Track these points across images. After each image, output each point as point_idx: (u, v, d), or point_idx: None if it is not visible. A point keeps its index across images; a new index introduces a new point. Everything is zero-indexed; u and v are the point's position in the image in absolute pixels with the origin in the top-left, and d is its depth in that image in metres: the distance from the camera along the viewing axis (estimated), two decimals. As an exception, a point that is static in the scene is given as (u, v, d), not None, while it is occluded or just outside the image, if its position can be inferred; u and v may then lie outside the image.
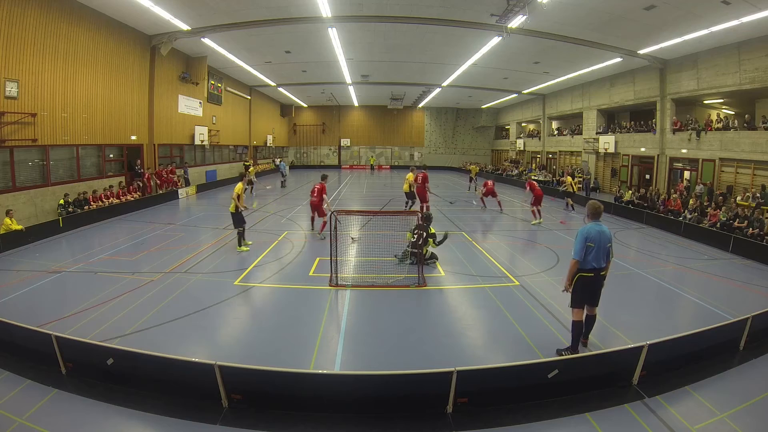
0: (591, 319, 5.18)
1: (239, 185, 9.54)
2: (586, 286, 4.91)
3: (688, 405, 4.19)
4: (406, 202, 15.01)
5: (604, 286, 5.06)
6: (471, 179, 24.73)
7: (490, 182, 16.68)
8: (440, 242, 8.67)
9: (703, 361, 4.89)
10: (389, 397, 4.10)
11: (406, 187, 14.63)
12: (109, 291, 6.97)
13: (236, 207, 9.44)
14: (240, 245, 9.69)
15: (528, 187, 14.74)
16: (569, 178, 19.02)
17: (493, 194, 16.16)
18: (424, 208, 12.81)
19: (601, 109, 23.98)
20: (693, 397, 4.31)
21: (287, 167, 28.65)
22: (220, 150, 26.17)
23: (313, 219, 11.71)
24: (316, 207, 11.17)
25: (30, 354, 4.73)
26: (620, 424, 3.90)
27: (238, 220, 9.50)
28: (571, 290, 4.98)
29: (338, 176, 32.82)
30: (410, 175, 14.49)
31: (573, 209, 17.26)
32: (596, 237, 4.80)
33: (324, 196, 11.21)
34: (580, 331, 5.10)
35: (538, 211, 14.18)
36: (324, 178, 11.67)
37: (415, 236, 8.17)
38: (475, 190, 22.97)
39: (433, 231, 8.53)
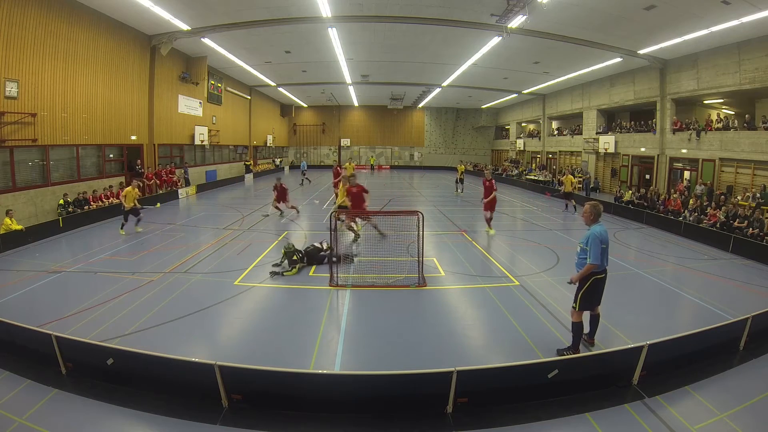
0: (596, 319, 5.22)
1: (130, 190, 11.52)
2: (598, 287, 4.94)
3: (688, 405, 4.19)
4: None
5: None
6: (458, 180, 22.75)
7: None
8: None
9: (703, 361, 4.89)
10: (389, 397, 4.10)
11: (341, 197, 11.32)
12: (109, 291, 6.97)
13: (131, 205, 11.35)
14: (138, 225, 11.64)
15: (490, 188, 11.68)
16: (570, 178, 17.42)
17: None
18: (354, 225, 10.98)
19: (601, 109, 23.98)
20: (693, 397, 4.31)
21: (306, 165, 29.53)
22: (220, 150, 26.17)
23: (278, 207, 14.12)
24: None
25: (30, 354, 4.73)
26: (620, 424, 3.90)
27: (134, 212, 11.50)
28: (583, 292, 4.90)
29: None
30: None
31: (575, 210, 16.13)
32: (606, 238, 4.83)
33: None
34: (582, 330, 5.11)
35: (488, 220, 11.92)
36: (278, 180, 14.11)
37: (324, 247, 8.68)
38: (462, 192, 21.93)
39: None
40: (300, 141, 42.02)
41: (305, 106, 40.45)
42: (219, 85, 24.36)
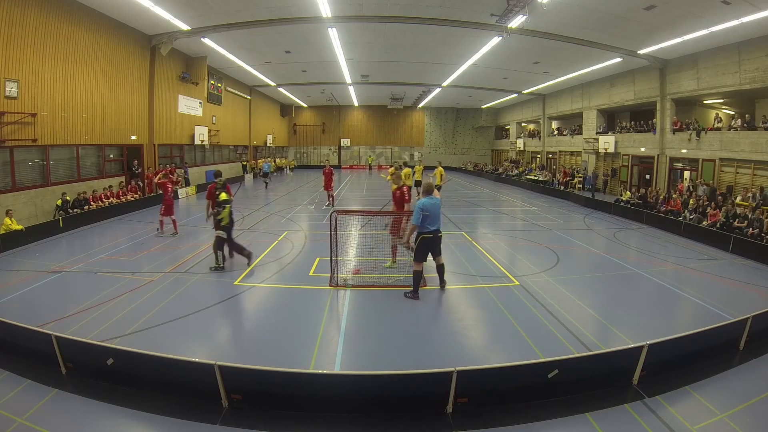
0: (441, 268, 7.07)
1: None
2: (427, 244, 6.67)
3: (688, 405, 4.19)
4: None
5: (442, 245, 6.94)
6: (415, 182, 17.14)
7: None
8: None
9: (703, 361, 4.89)
10: (389, 397, 4.10)
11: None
12: (109, 291, 6.97)
13: None
14: None
15: (401, 199, 8.55)
16: (440, 170, 16.74)
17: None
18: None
19: (601, 109, 23.98)
20: (693, 397, 4.31)
21: (270, 168, 25.67)
22: (220, 150, 26.16)
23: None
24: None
25: (30, 354, 4.72)
26: (620, 424, 3.90)
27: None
28: (414, 248, 6.74)
29: (338, 176, 32.80)
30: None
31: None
32: (430, 207, 6.56)
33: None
34: (421, 278, 6.84)
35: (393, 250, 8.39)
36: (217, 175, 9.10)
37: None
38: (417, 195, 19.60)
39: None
40: (300, 141, 42.01)
41: (305, 106, 40.43)
42: (219, 85, 24.35)
